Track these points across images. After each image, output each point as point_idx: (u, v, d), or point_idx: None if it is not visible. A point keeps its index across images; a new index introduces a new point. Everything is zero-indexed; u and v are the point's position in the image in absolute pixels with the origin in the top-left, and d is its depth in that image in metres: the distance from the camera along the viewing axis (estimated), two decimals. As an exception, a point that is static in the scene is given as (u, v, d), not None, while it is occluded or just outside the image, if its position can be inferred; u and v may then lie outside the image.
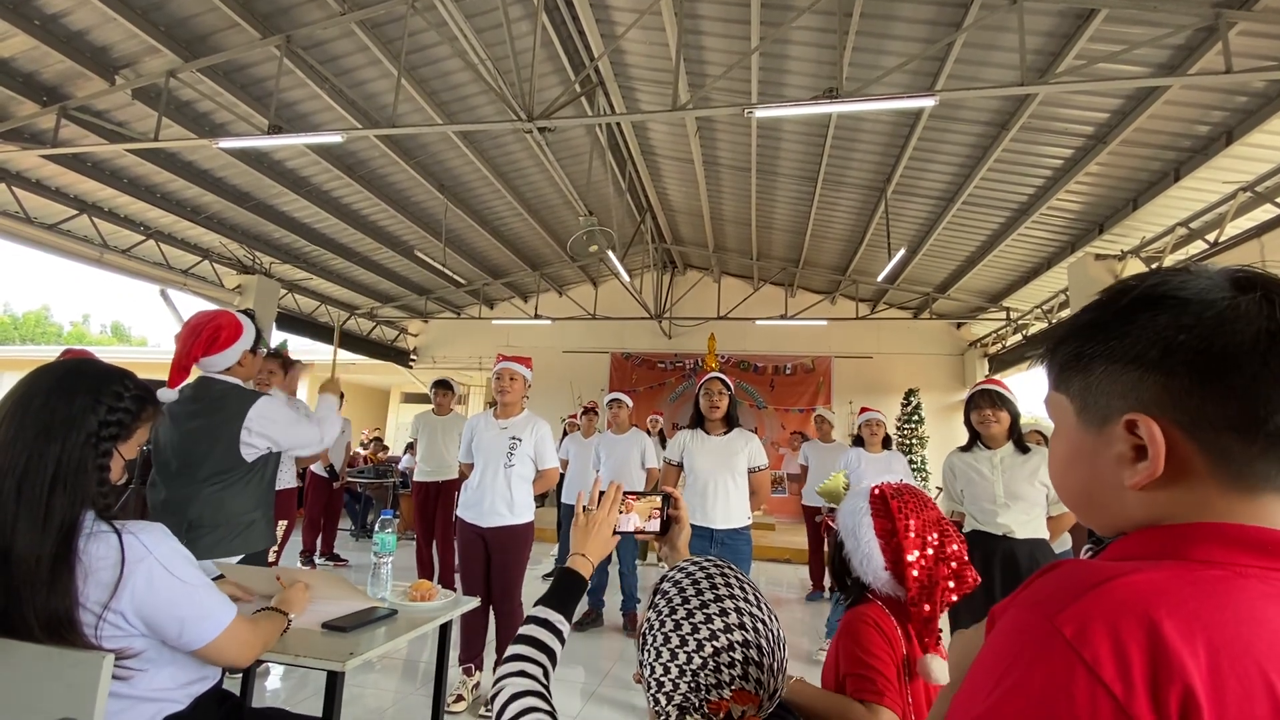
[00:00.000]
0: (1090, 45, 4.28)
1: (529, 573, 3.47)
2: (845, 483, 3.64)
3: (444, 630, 1.97)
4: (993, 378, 4.54)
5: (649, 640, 0.85)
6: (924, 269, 9.11)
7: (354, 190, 7.63)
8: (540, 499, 3.86)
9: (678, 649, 0.82)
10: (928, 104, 4.20)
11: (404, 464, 8.19)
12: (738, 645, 0.81)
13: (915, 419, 10.00)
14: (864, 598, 1.31)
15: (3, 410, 1.15)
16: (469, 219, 8.74)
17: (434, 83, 6.07)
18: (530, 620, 1.00)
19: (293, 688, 3.24)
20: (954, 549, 1.22)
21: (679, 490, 1.46)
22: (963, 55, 4.72)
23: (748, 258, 10.23)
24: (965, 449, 2.82)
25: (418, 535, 5.09)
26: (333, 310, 10.64)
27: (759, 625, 0.83)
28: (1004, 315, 9.36)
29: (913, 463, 9.60)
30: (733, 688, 0.80)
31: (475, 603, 2.16)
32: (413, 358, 12.74)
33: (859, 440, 4.49)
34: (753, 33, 4.91)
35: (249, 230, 8.12)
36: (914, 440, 9.90)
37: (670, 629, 0.84)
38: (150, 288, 8.37)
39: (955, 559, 1.21)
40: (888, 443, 4.48)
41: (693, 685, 0.80)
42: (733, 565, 0.92)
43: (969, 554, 1.26)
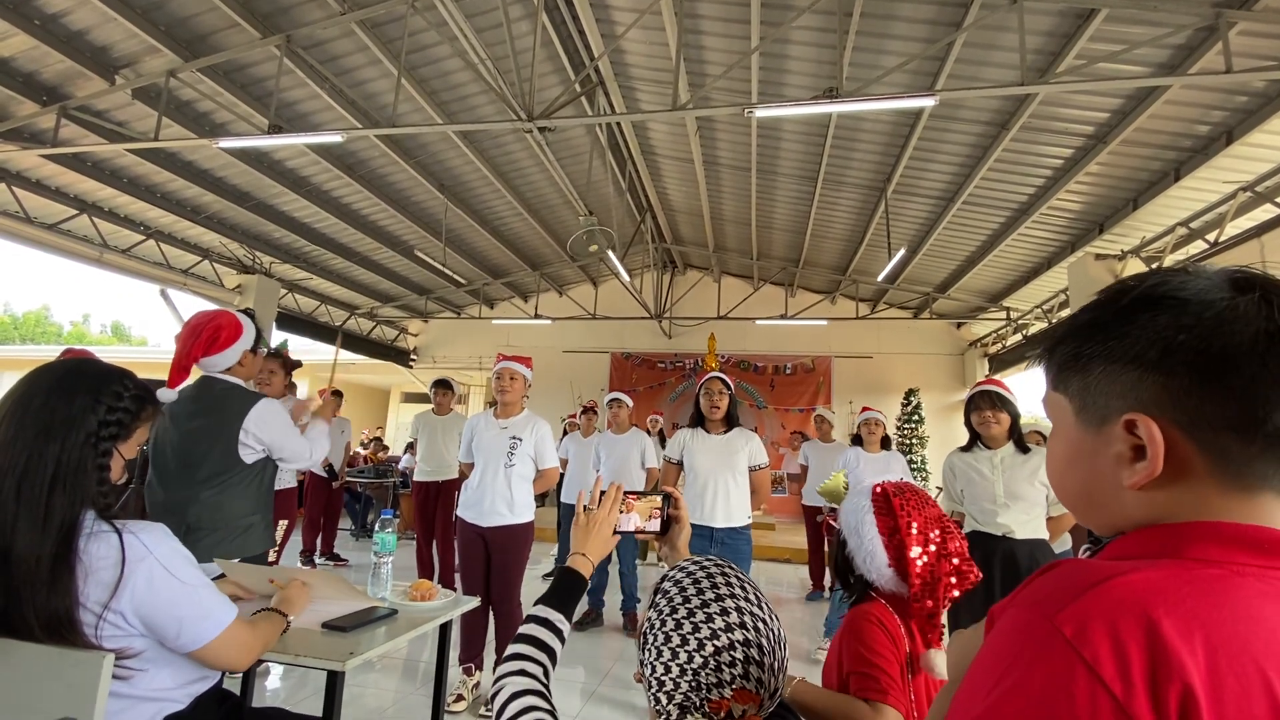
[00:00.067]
0: (1090, 45, 4.28)
1: (529, 572, 3.47)
2: (845, 482, 3.64)
3: (444, 630, 1.97)
4: (993, 378, 4.53)
5: (650, 640, 0.85)
6: (924, 269, 9.11)
7: (354, 190, 7.63)
8: (540, 498, 3.86)
9: (679, 648, 0.82)
10: (928, 104, 4.20)
11: (404, 464, 8.19)
12: (738, 644, 0.81)
13: (915, 419, 10.00)
14: (867, 596, 1.31)
15: (2, 410, 1.15)
16: (469, 219, 8.74)
17: (434, 82, 6.07)
18: (530, 619, 1.00)
19: (293, 687, 3.24)
20: (955, 546, 1.24)
21: (679, 489, 1.46)
22: (963, 55, 4.72)
23: (748, 257, 10.23)
24: (965, 449, 2.82)
25: (418, 535, 5.09)
26: (333, 310, 10.63)
27: (760, 624, 0.83)
28: (1004, 315, 9.35)
29: (913, 463, 9.59)
30: (733, 687, 0.80)
31: (475, 602, 2.16)
32: (413, 357, 12.74)
33: (858, 440, 4.49)
34: (753, 32, 4.91)
35: (249, 230, 8.12)
36: (914, 440, 9.89)
37: (671, 628, 0.84)
38: (150, 288, 8.37)
39: (957, 555, 1.23)
40: (887, 443, 4.46)
41: (694, 684, 0.80)
42: (733, 565, 0.92)
43: (969, 554, 1.27)
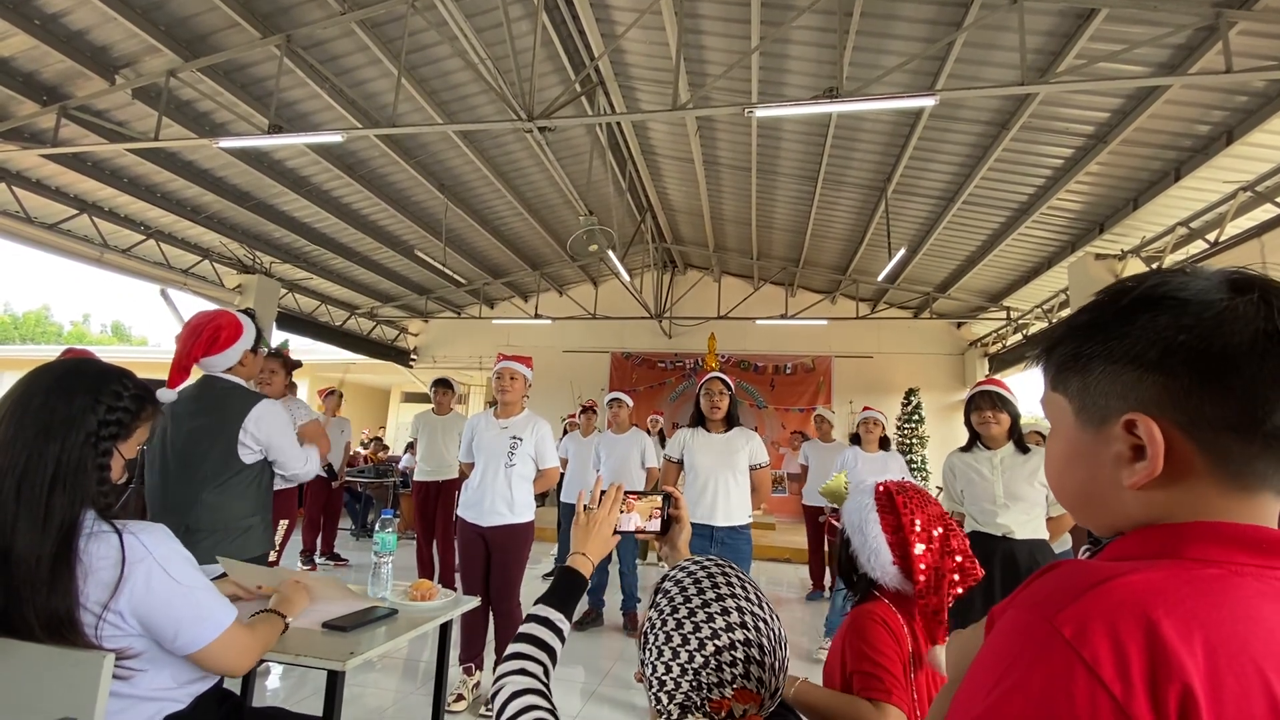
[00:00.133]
0: (1091, 45, 4.28)
1: (529, 572, 3.47)
2: (846, 482, 3.64)
3: (444, 630, 1.97)
4: (993, 377, 4.53)
5: (650, 639, 0.85)
6: (924, 268, 9.11)
7: (354, 190, 7.63)
8: (540, 498, 3.86)
9: (679, 648, 0.82)
10: (928, 103, 4.20)
11: (404, 463, 8.19)
12: (739, 644, 0.81)
13: (915, 419, 10.00)
14: (870, 595, 1.32)
15: (2, 410, 1.15)
16: (469, 218, 8.74)
17: (434, 82, 6.07)
18: (531, 619, 1.00)
19: (292, 687, 3.24)
20: (958, 543, 1.25)
21: (679, 489, 1.46)
22: (963, 55, 4.71)
23: (748, 257, 10.23)
24: (965, 449, 2.82)
25: (418, 535, 5.09)
26: (333, 310, 10.64)
27: (760, 624, 0.83)
28: (1004, 315, 9.35)
29: (913, 463, 9.59)
30: (734, 686, 0.80)
31: (475, 602, 2.16)
32: (413, 357, 12.74)
33: (856, 439, 4.49)
34: (753, 32, 4.91)
35: (249, 230, 8.12)
36: (914, 440, 9.89)
37: (672, 628, 0.84)
38: (150, 287, 8.37)
39: (960, 553, 1.24)
40: (885, 443, 4.44)
41: (694, 684, 0.80)
42: (733, 564, 0.92)
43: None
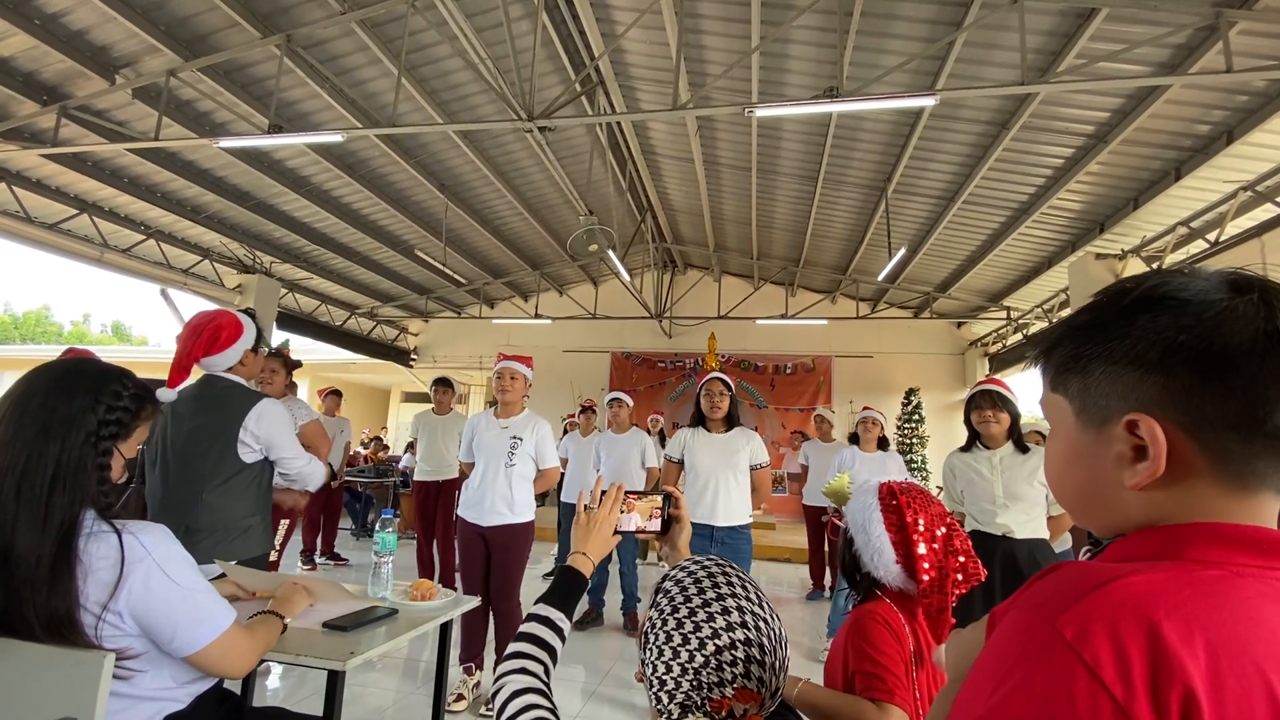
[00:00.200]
0: (1091, 44, 4.28)
1: (529, 572, 3.47)
2: (850, 482, 3.64)
3: (444, 629, 1.97)
4: (993, 377, 4.52)
5: (651, 639, 0.85)
6: (924, 268, 9.10)
7: (354, 190, 7.62)
8: (540, 498, 3.86)
9: (680, 647, 0.82)
10: (928, 103, 4.19)
11: (404, 463, 8.19)
12: (739, 644, 0.81)
13: (916, 418, 10.00)
14: (873, 594, 1.32)
15: (2, 409, 1.14)
16: (469, 218, 8.74)
17: (434, 82, 6.07)
18: (531, 618, 1.00)
19: (293, 687, 3.24)
20: (961, 543, 1.25)
21: (679, 488, 1.47)
22: (963, 54, 4.71)
23: (748, 257, 10.22)
24: (965, 449, 2.82)
25: (418, 534, 5.09)
26: (333, 310, 10.64)
27: (760, 624, 0.83)
28: (1004, 314, 9.35)
29: (913, 463, 9.59)
30: (735, 686, 0.80)
31: (476, 602, 2.16)
32: (413, 357, 12.74)
33: (854, 439, 4.49)
34: (753, 32, 4.91)
35: (249, 230, 8.12)
36: (914, 440, 9.89)
37: (672, 628, 0.84)
38: (151, 287, 8.37)
39: (963, 553, 1.25)
40: (884, 443, 4.43)
41: (695, 684, 0.80)
42: (734, 564, 0.92)
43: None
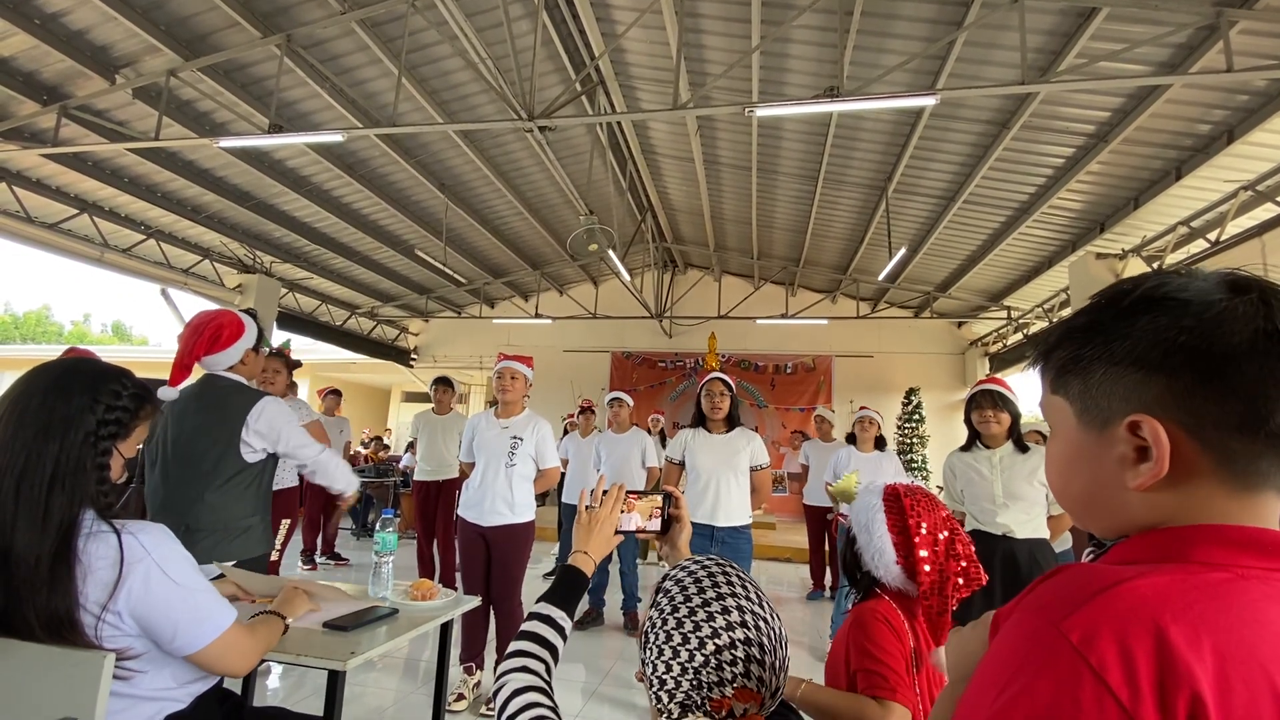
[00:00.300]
0: (1091, 44, 4.28)
1: (529, 572, 3.47)
2: (857, 482, 3.65)
3: (445, 629, 1.97)
4: (994, 376, 4.53)
5: (651, 639, 0.85)
6: (925, 268, 9.10)
7: (354, 189, 7.62)
8: (541, 498, 3.86)
9: (680, 647, 0.82)
10: (928, 103, 4.19)
11: (404, 463, 8.20)
12: (739, 643, 0.81)
13: (916, 418, 9.99)
14: (873, 593, 1.32)
15: (1, 409, 1.14)
16: (469, 218, 8.74)
17: (434, 82, 6.07)
18: (533, 616, 1.00)
19: (293, 686, 3.24)
20: (963, 548, 1.26)
21: (680, 489, 1.47)
22: (964, 54, 4.71)
23: (748, 257, 10.22)
24: (965, 448, 2.82)
25: (418, 534, 5.09)
26: (333, 310, 10.64)
27: (760, 623, 0.83)
28: (1005, 314, 9.35)
29: (913, 462, 9.59)
30: (735, 685, 0.80)
31: (476, 602, 2.16)
32: (413, 357, 12.74)
33: (851, 438, 4.48)
34: (753, 31, 4.91)
35: (249, 229, 8.12)
36: (915, 440, 9.89)
37: (672, 627, 0.84)
38: (151, 287, 8.38)
39: (965, 558, 1.25)
40: (881, 443, 4.43)
41: (695, 683, 0.80)
42: (734, 564, 0.92)
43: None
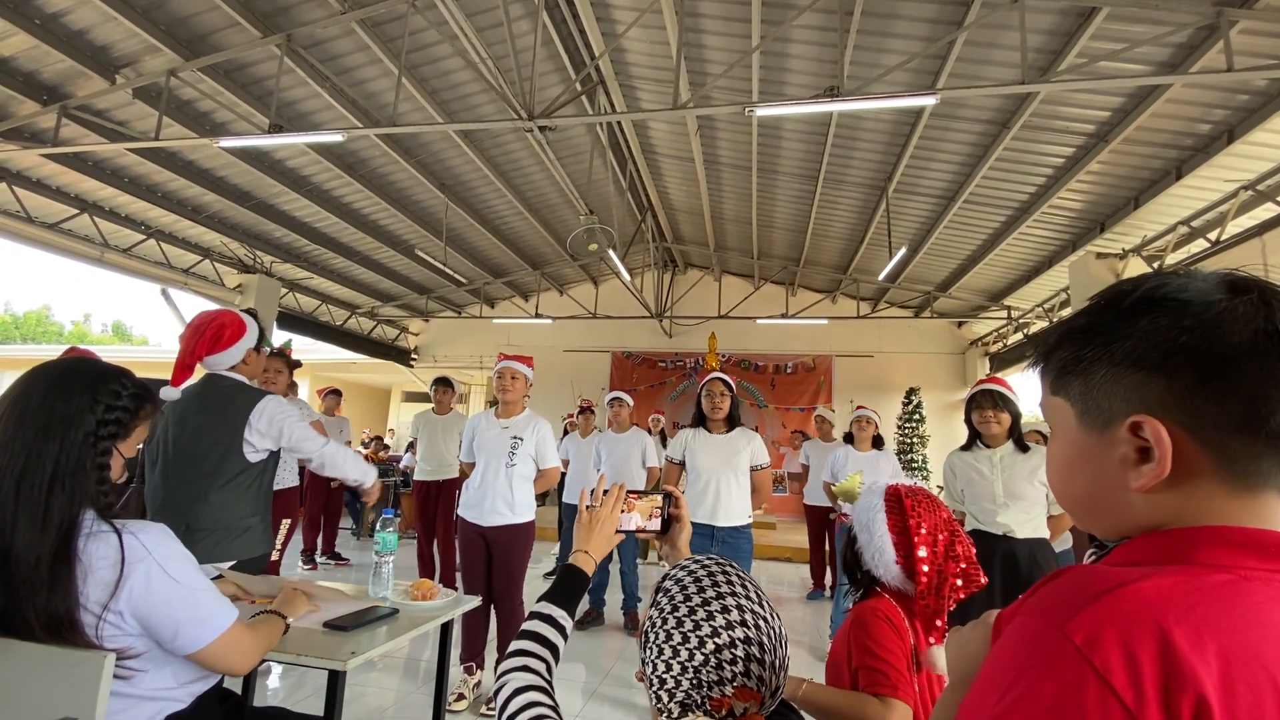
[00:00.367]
0: (1091, 44, 4.28)
1: (530, 572, 3.47)
2: (861, 482, 3.66)
3: (445, 629, 1.97)
4: (994, 376, 4.53)
5: (651, 638, 0.85)
6: (925, 268, 9.10)
7: (354, 189, 7.62)
8: (541, 498, 3.86)
9: (680, 646, 0.82)
10: (929, 102, 4.19)
11: (405, 463, 8.20)
12: (739, 642, 0.81)
13: (916, 418, 9.99)
14: (873, 591, 1.33)
15: (0, 409, 1.14)
16: (470, 218, 8.74)
17: (434, 81, 6.07)
18: (534, 616, 1.00)
19: (293, 686, 3.24)
20: (963, 550, 1.26)
21: (680, 489, 1.47)
22: (964, 54, 4.71)
23: (748, 256, 10.22)
24: (965, 448, 2.82)
25: (418, 534, 5.09)
26: (334, 309, 10.64)
27: (760, 623, 0.83)
28: (1005, 314, 9.35)
29: (913, 462, 9.59)
30: (735, 685, 0.80)
31: (476, 602, 2.16)
32: (414, 357, 12.74)
33: (849, 438, 4.49)
34: (754, 31, 4.91)
35: (250, 229, 8.12)
36: (915, 439, 9.88)
37: (672, 626, 0.84)
38: (151, 287, 8.38)
39: (965, 559, 1.25)
40: (879, 442, 4.43)
41: (695, 682, 0.80)
42: (734, 564, 0.92)
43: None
